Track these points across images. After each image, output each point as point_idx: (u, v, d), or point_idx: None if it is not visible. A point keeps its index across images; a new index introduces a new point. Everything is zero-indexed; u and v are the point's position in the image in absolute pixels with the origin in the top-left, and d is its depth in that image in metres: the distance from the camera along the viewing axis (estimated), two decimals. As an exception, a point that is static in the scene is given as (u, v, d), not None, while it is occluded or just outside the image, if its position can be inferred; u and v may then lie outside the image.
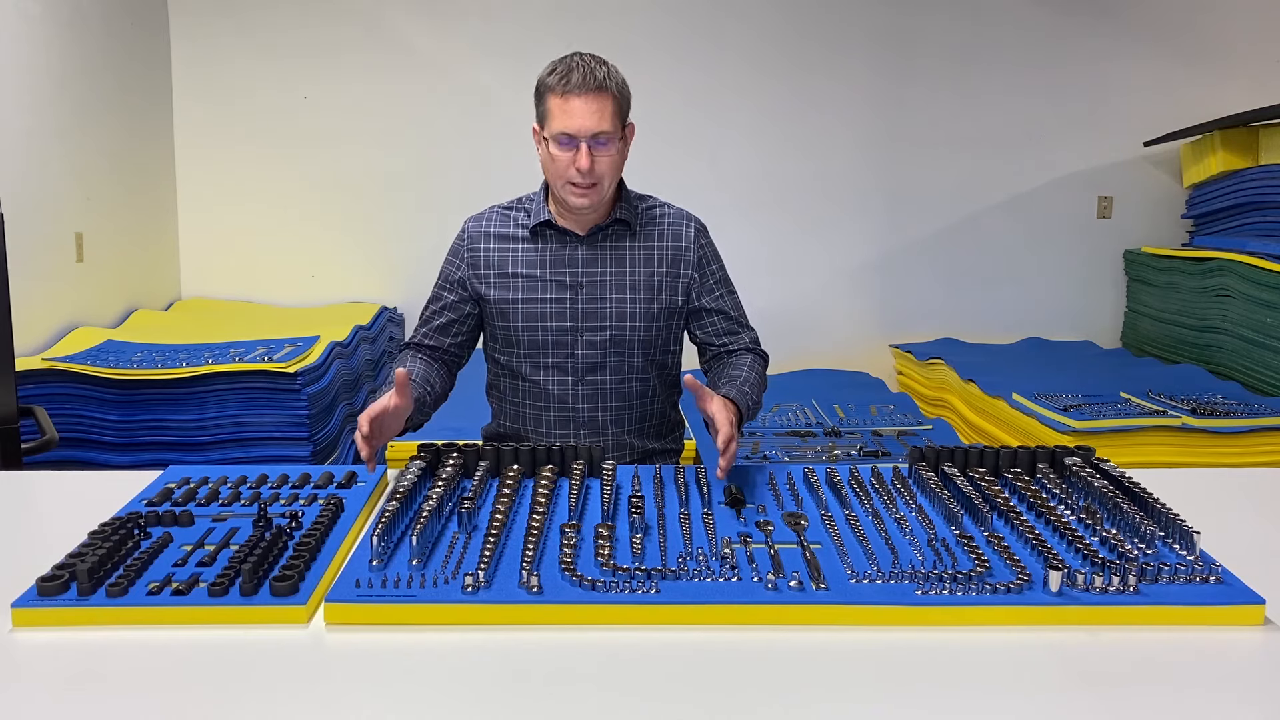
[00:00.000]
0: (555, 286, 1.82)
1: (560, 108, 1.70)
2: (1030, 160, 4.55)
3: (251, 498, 1.42)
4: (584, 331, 1.81)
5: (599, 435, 1.85)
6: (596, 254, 1.83)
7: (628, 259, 1.83)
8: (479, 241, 1.87)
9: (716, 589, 1.12)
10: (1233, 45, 4.45)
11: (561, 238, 1.84)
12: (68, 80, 3.46)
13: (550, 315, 1.81)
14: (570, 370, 1.82)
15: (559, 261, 1.83)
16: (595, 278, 1.82)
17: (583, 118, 1.69)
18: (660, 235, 1.86)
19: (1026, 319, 4.63)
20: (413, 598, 1.09)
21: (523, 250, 1.85)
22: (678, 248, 1.86)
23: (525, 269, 1.83)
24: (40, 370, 2.89)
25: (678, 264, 1.85)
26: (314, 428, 3.03)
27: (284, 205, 4.44)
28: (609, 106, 1.71)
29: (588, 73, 1.69)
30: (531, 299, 1.82)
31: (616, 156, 1.75)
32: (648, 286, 1.83)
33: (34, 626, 1.08)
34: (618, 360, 1.83)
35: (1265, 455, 2.94)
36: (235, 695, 0.95)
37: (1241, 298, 3.67)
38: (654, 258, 1.85)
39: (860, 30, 4.44)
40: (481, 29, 4.37)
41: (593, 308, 1.81)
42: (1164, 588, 1.13)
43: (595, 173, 1.72)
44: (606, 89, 1.70)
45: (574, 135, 1.70)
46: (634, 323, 1.82)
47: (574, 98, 1.69)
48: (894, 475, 1.52)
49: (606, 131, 1.70)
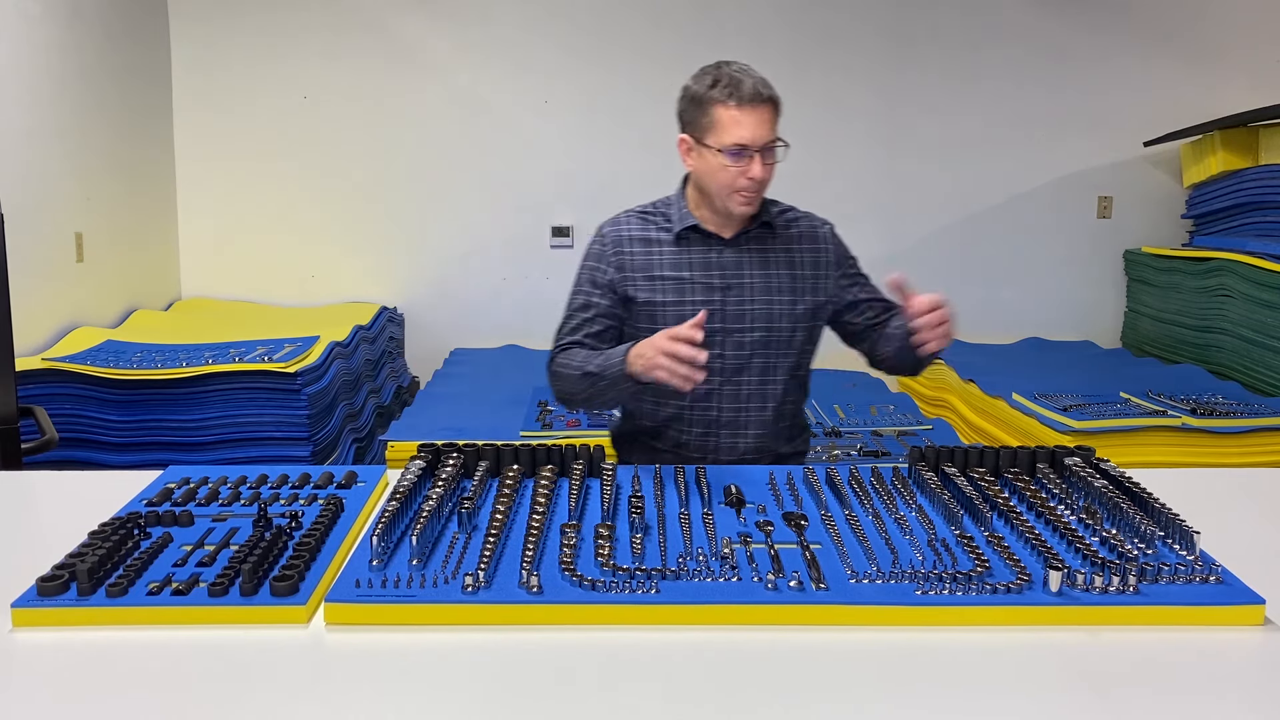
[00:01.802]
0: (703, 289, 1.83)
1: (731, 119, 1.71)
2: (1030, 160, 4.55)
3: (251, 498, 1.42)
4: (732, 333, 1.82)
5: (739, 436, 1.86)
6: (741, 257, 1.84)
7: (771, 261, 1.86)
8: (623, 245, 1.86)
9: (716, 589, 1.12)
10: (1233, 45, 4.45)
11: (706, 241, 1.85)
12: (68, 80, 3.46)
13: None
14: (716, 371, 1.81)
15: (705, 264, 1.84)
16: (743, 280, 1.83)
17: (754, 129, 1.71)
18: (799, 238, 1.89)
19: (1026, 319, 4.63)
20: (413, 598, 1.09)
21: (667, 253, 1.85)
22: (816, 249, 1.89)
23: (671, 271, 1.83)
24: (40, 370, 2.89)
25: (818, 265, 1.88)
26: (314, 428, 3.03)
27: (284, 205, 4.44)
28: (773, 115, 1.74)
29: (756, 84, 1.72)
30: (679, 301, 1.82)
31: (777, 166, 1.77)
32: (792, 288, 1.85)
33: (34, 626, 1.08)
34: (762, 361, 1.85)
35: (1265, 455, 2.94)
36: (235, 695, 0.95)
37: (1241, 298, 3.67)
38: (795, 260, 1.87)
39: (860, 31, 4.43)
40: (481, 30, 4.37)
41: (741, 309, 1.83)
42: (1164, 588, 1.13)
43: (764, 181, 1.75)
44: (773, 99, 1.74)
45: (748, 146, 1.71)
46: (781, 324, 1.84)
47: (746, 110, 1.70)
48: (894, 475, 1.52)
49: (777, 140, 1.74)
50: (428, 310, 4.56)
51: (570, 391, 1.80)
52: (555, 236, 4.49)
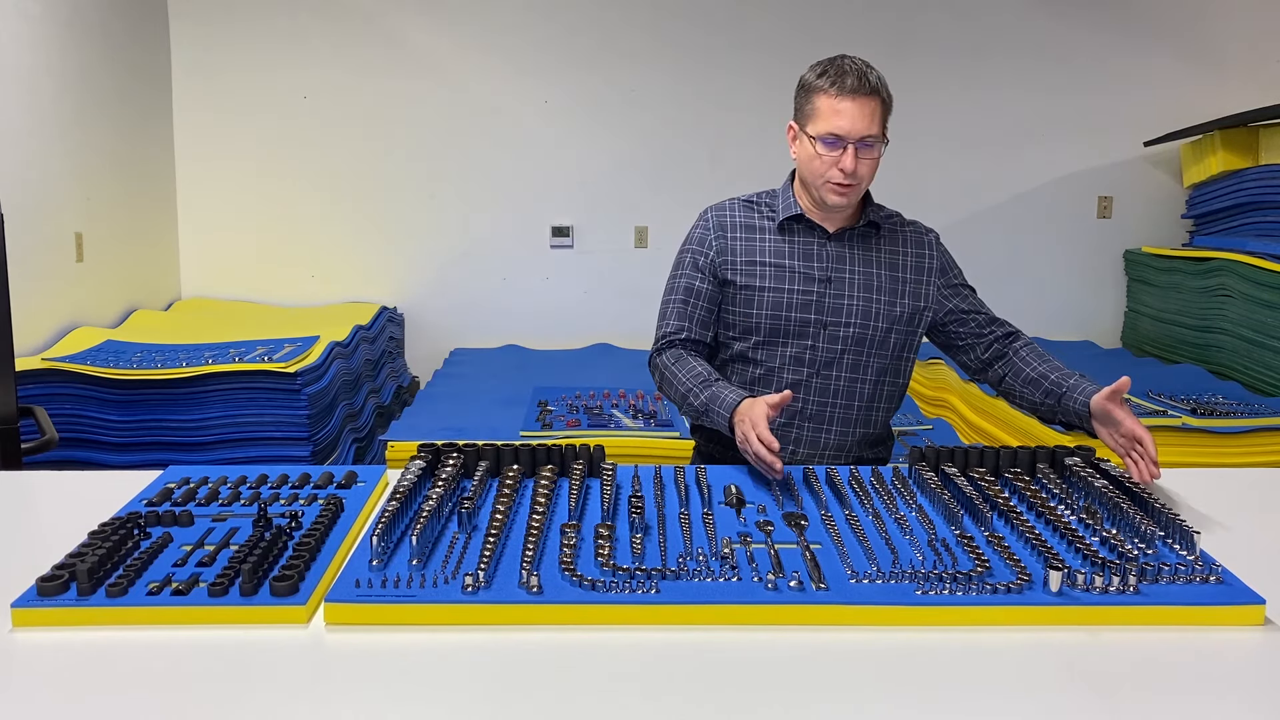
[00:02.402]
0: (804, 279, 1.83)
1: (831, 108, 1.72)
2: (1030, 160, 4.55)
3: (251, 498, 1.42)
4: (828, 325, 1.83)
5: (823, 430, 1.85)
6: (845, 251, 1.85)
7: (874, 260, 1.86)
8: (726, 230, 1.87)
9: (716, 589, 1.12)
10: (1233, 45, 4.45)
11: (810, 233, 1.85)
12: (68, 80, 3.46)
13: (796, 306, 1.82)
14: (808, 362, 1.83)
15: (808, 255, 1.84)
16: (844, 274, 1.84)
17: (853, 120, 1.71)
18: (905, 241, 1.90)
19: (1026, 319, 4.59)
20: (413, 598, 1.09)
21: (770, 241, 1.86)
22: (921, 255, 1.89)
23: (774, 259, 1.84)
24: (40, 370, 2.89)
25: (921, 270, 1.88)
26: (314, 428, 3.03)
27: (284, 205, 4.44)
28: (877, 110, 1.73)
29: (861, 76, 1.72)
30: (779, 288, 1.83)
31: (876, 160, 1.77)
32: (891, 290, 1.85)
33: (34, 626, 1.07)
34: (855, 358, 1.84)
35: (1265, 455, 2.94)
36: (235, 695, 0.95)
37: (1241, 298, 3.66)
38: (899, 263, 1.87)
39: (860, 31, 4.43)
40: (481, 30, 4.37)
41: (839, 303, 1.83)
42: (1164, 588, 1.12)
43: (857, 174, 1.75)
44: (878, 93, 1.73)
45: (842, 137, 1.72)
46: (877, 322, 1.84)
47: (846, 100, 1.71)
48: (894, 475, 1.52)
49: (874, 135, 1.73)
50: (428, 310, 4.56)
51: (669, 398, 1.84)
52: (555, 236, 4.49)
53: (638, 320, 4.56)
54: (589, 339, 4.55)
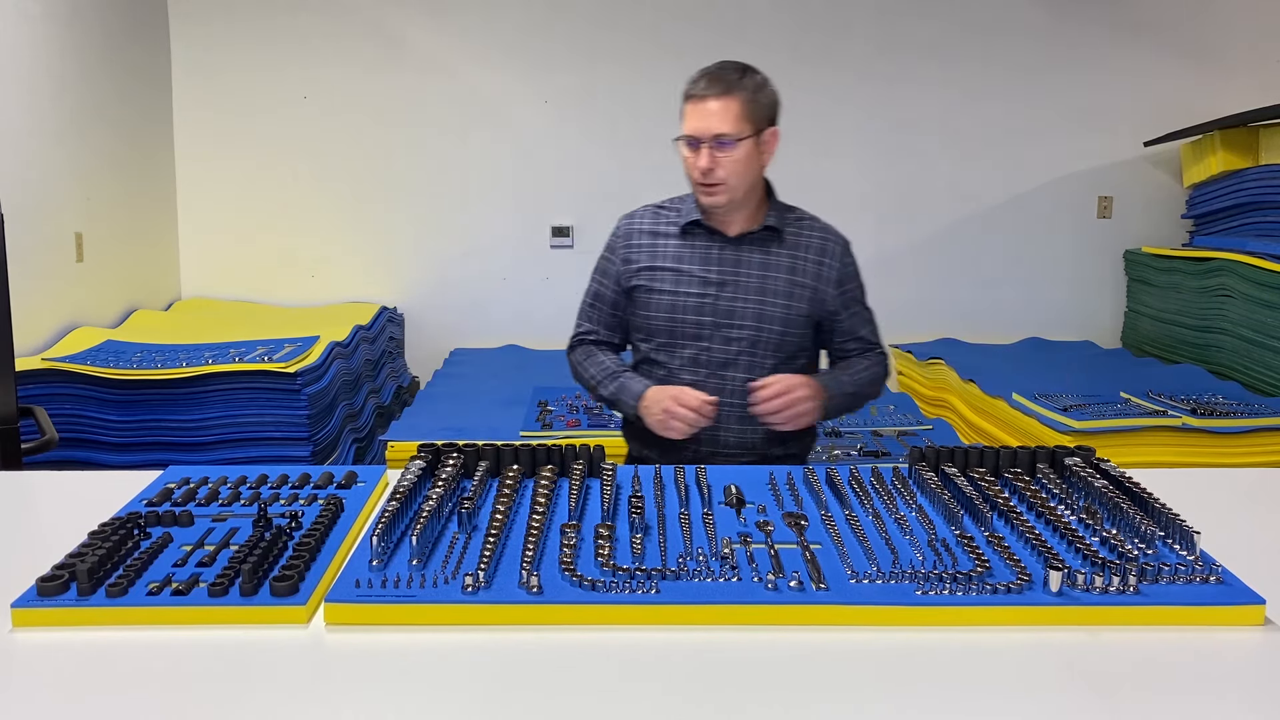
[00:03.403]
0: (699, 282, 1.88)
1: (688, 110, 1.80)
2: (1030, 160, 4.55)
3: (251, 498, 1.42)
4: (721, 327, 1.87)
5: (721, 430, 1.88)
6: (741, 255, 1.89)
7: (771, 264, 1.89)
8: (632, 238, 1.94)
9: (716, 589, 1.12)
10: (1233, 45, 4.45)
11: (709, 237, 1.90)
12: (68, 80, 3.46)
13: (690, 309, 1.88)
14: (704, 363, 1.88)
15: (706, 259, 1.89)
16: (738, 278, 1.87)
17: (704, 120, 1.77)
18: (807, 247, 1.92)
19: (1026, 319, 4.63)
20: (413, 598, 1.09)
21: (671, 246, 1.91)
22: (821, 261, 1.91)
23: (673, 263, 1.90)
24: (40, 370, 2.89)
25: (820, 277, 1.90)
26: (314, 428, 3.03)
27: (284, 205, 4.44)
28: (733, 109, 1.77)
29: (715, 78, 1.78)
30: (675, 291, 1.88)
31: (741, 159, 1.80)
32: (787, 293, 1.88)
33: (34, 626, 1.07)
34: (750, 360, 1.87)
35: (1265, 455, 2.94)
36: (235, 695, 0.95)
37: (1241, 298, 3.67)
38: (797, 267, 1.90)
39: (860, 30, 4.44)
40: (482, 31, 4.37)
41: (731, 305, 1.87)
42: (1164, 588, 1.12)
43: (717, 174, 1.78)
44: (732, 93, 1.77)
45: (696, 136, 1.78)
46: (770, 325, 1.87)
47: (698, 101, 1.78)
48: (894, 475, 1.52)
49: (726, 133, 1.76)
50: (428, 310, 4.56)
51: (584, 389, 1.99)
52: (555, 236, 4.49)
53: (638, 320, 4.57)
54: (589, 339, 4.54)
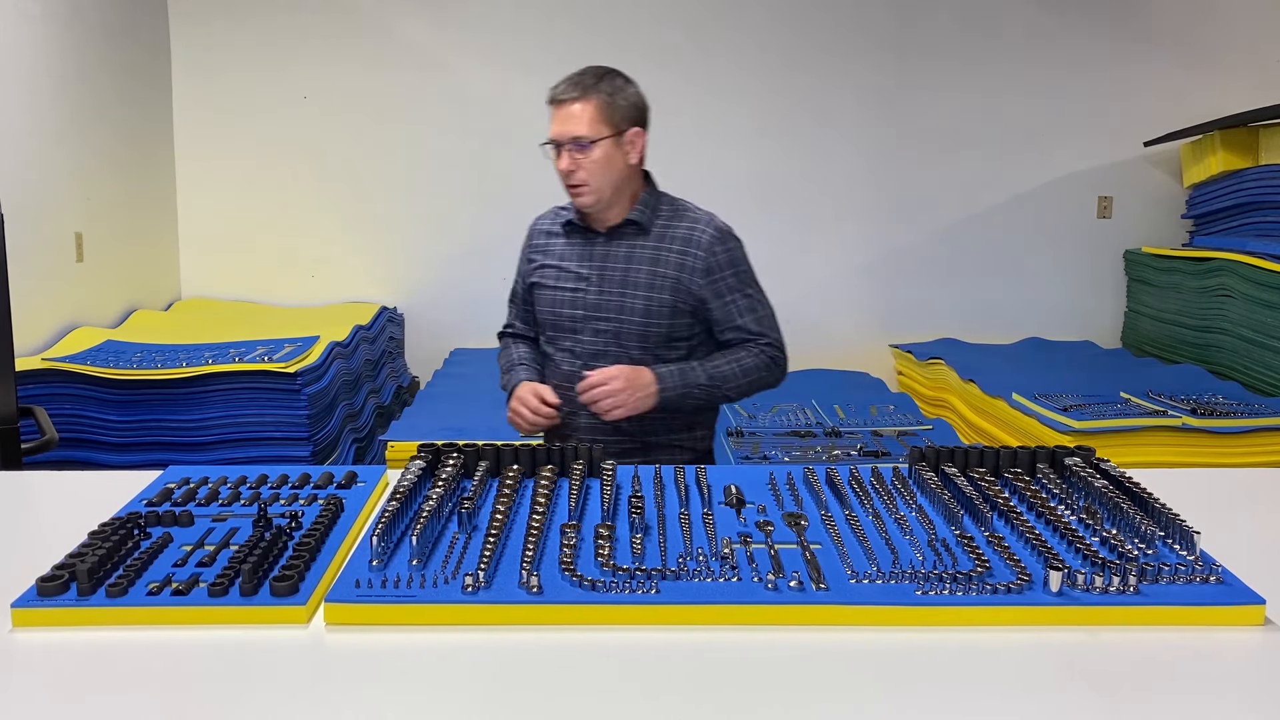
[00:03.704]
0: (574, 277, 1.97)
1: (551, 115, 1.88)
2: (1030, 160, 4.55)
3: (251, 498, 1.42)
4: (589, 320, 1.94)
5: (597, 417, 1.91)
6: (610, 250, 1.96)
7: (635, 257, 1.94)
8: (534, 238, 2.08)
9: (716, 589, 1.12)
10: (1233, 46, 4.45)
11: (585, 234, 1.99)
12: (68, 80, 3.46)
13: (564, 303, 1.97)
14: (578, 355, 1.96)
15: (582, 255, 1.98)
16: (605, 271, 1.95)
17: (561, 123, 1.86)
18: (672, 238, 1.95)
19: (1026, 319, 4.63)
20: (413, 598, 1.09)
21: (558, 244, 2.02)
22: (685, 251, 1.93)
23: (557, 260, 2.01)
24: (40, 370, 2.89)
25: (683, 268, 1.92)
26: (314, 428, 3.03)
27: (284, 205, 4.44)
28: (589, 112, 1.85)
29: (572, 82, 1.87)
30: (554, 286, 1.99)
31: (600, 159, 1.86)
32: (648, 285, 1.92)
33: (34, 626, 1.07)
34: (617, 351, 1.93)
35: (1265, 455, 2.94)
36: (235, 695, 0.95)
37: (1241, 298, 3.67)
38: (660, 258, 1.93)
39: (861, 31, 4.44)
40: (481, 30, 4.37)
41: (599, 299, 1.94)
42: (1164, 588, 1.12)
43: (578, 175, 1.87)
44: (589, 96, 1.85)
45: (555, 140, 1.87)
46: (632, 317, 1.92)
47: (558, 106, 1.87)
48: (894, 475, 1.51)
49: (583, 135, 1.84)
50: (428, 310, 4.56)
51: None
52: (555, 236, 4.49)
53: (638, 320, 4.57)
54: (589, 339, 4.54)
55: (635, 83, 1.96)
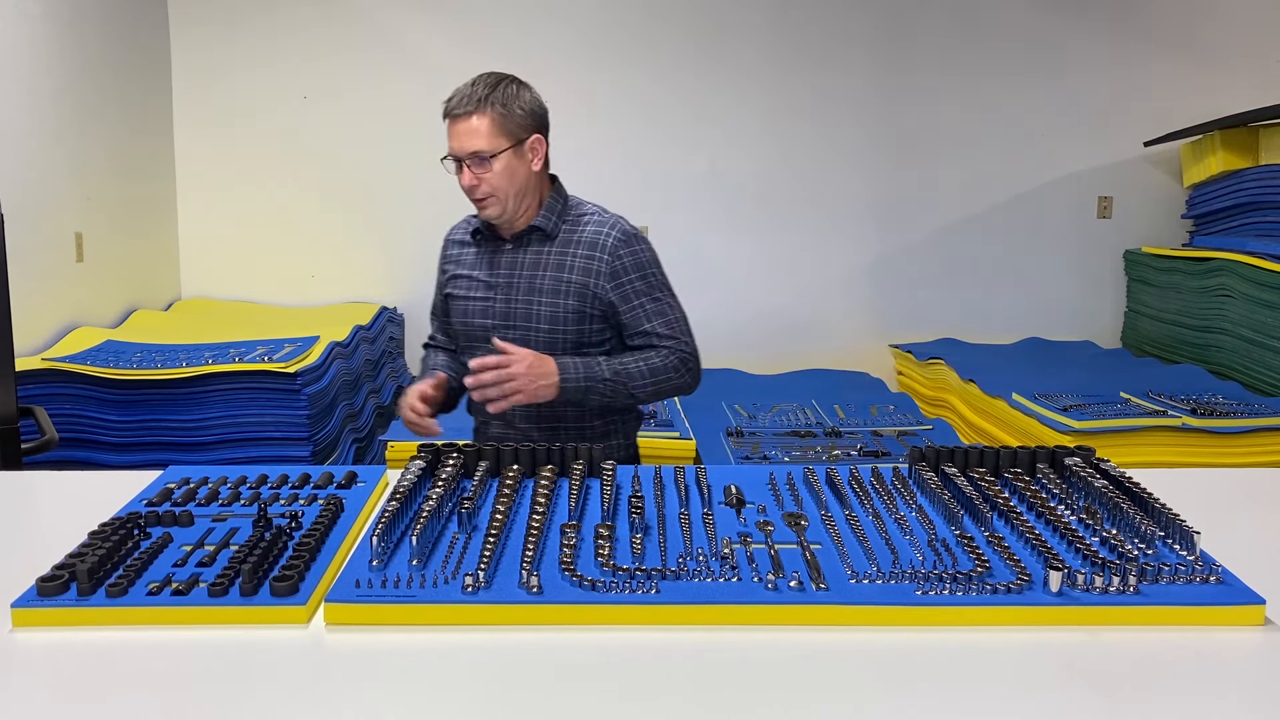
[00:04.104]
0: (483, 286, 1.96)
1: (448, 129, 1.88)
2: (1030, 160, 4.55)
3: (251, 498, 1.42)
4: (498, 329, 1.92)
5: (512, 428, 1.94)
6: (517, 257, 1.94)
7: (541, 264, 1.92)
8: (447, 248, 2.07)
9: (716, 589, 1.12)
10: (1233, 45, 4.45)
11: (494, 242, 1.98)
12: (68, 80, 3.46)
13: (475, 313, 1.96)
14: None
15: (490, 264, 1.97)
16: (513, 280, 1.93)
17: (458, 139, 1.85)
18: (577, 243, 1.93)
19: (1026, 319, 4.63)
20: (413, 598, 1.09)
21: (469, 253, 2.01)
22: (591, 256, 1.91)
23: (469, 270, 2.00)
24: (40, 370, 2.89)
25: (589, 272, 1.90)
26: (314, 428, 3.03)
27: (284, 205, 4.44)
28: (485, 125, 1.83)
29: (464, 95, 1.85)
30: (466, 296, 1.98)
31: (502, 171, 1.85)
32: (554, 291, 1.90)
33: (34, 626, 1.07)
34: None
35: (1265, 455, 2.95)
36: (235, 695, 0.95)
37: (1241, 298, 3.67)
38: (565, 264, 1.91)
39: (861, 31, 4.44)
40: (480, 31, 4.37)
41: (506, 308, 1.93)
42: (1164, 588, 1.12)
43: (481, 189, 1.86)
44: (483, 109, 1.83)
45: (455, 155, 1.87)
46: (539, 324, 1.90)
47: (454, 120, 1.86)
48: (894, 475, 1.52)
49: (482, 150, 1.83)
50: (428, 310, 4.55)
51: None
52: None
53: (638, 320, 4.57)
54: (589, 339, 4.55)
55: (531, 87, 1.92)
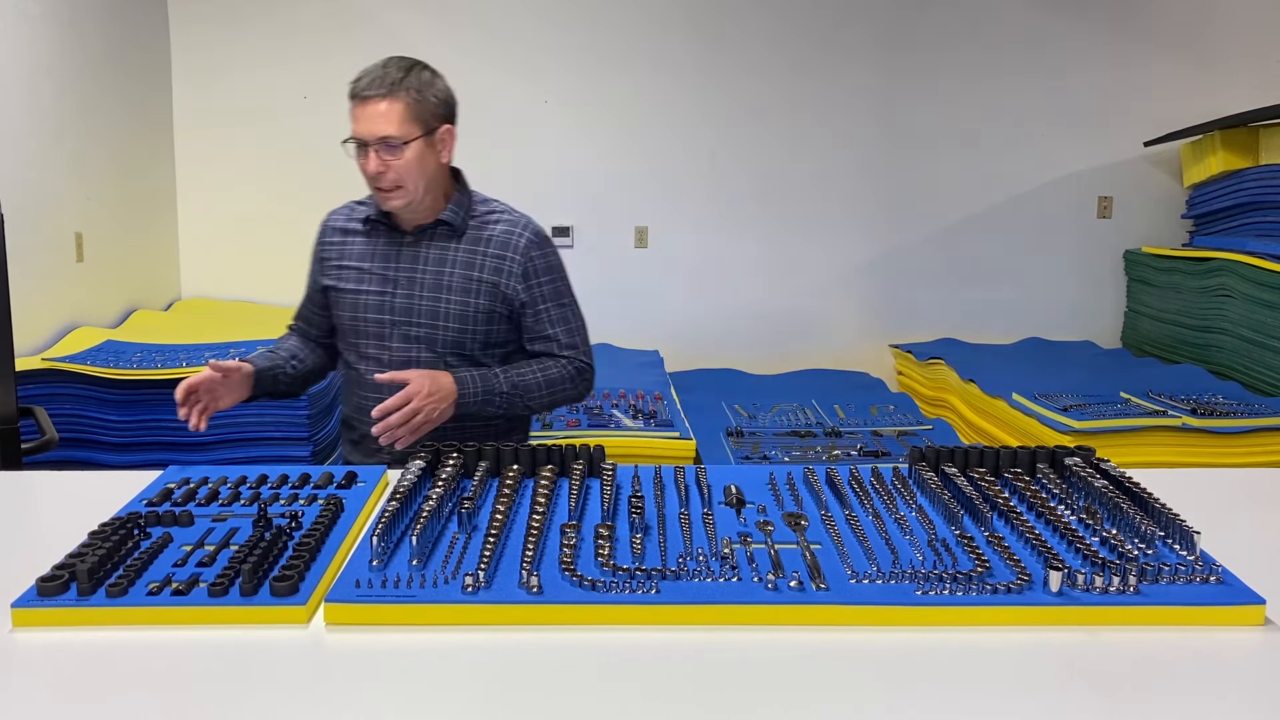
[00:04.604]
0: (378, 280, 1.86)
1: (354, 111, 1.77)
2: (1030, 160, 4.55)
3: (251, 498, 1.42)
4: (399, 326, 1.84)
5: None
6: (420, 252, 1.86)
7: (449, 260, 1.85)
8: (326, 235, 1.95)
9: (716, 589, 1.12)
10: (1233, 45, 4.45)
11: (391, 234, 1.88)
12: (68, 80, 3.46)
13: (370, 307, 1.85)
14: (386, 362, 1.84)
15: (385, 256, 1.87)
16: (414, 275, 1.84)
17: (367, 122, 1.74)
18: (488, 241, 1.87)
19: (1026, 319, 4.63)
20: (413, 598, 1.09)
21: (358, 243, 1.90)
22: (503, 256, 1.87)
23: (357, 261, 1.89)
24: (40, 370, 2.89)
25: (500, 271, 1.86)
26: (314, 428, 3.03)
27: (284, 205, 4.44)
28: (398, 110, 1.74)
29: (376, 78, 1.74)
30: (357, 290, 1.87)
31: (413, 160, 1.76)
32: (464, 289, 1.84)
33: (34, 627, 1.07)
34: (431, 358, 1.84)
35: (1265, 455, 2.95)
36: (235, 695, 0.95)
37: (1241, 298, 3.67)
38: (476, 262, 1.86)
39: (861, 31, 4.44)
40: (480, 30, 4.37)
41: (409, 304, 1.84)
42: (1164, 588, 1.12)
43: (389, 177, 1.76)
44: (396, 94, 1.74)
45: (361, 139, 1.75)
46: (447, 322, 1.83)
47: (360, 103, 1.75)
48: (894, 475, 1.52)
49: (392, 136, 1.73)
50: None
51: None
52: (555, 236, 4.48)
53: (638, 320, 4.57)
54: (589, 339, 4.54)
55: (442, 75, 1.86)
